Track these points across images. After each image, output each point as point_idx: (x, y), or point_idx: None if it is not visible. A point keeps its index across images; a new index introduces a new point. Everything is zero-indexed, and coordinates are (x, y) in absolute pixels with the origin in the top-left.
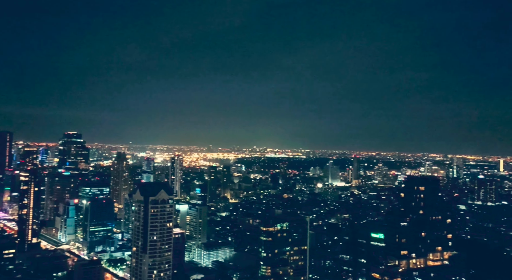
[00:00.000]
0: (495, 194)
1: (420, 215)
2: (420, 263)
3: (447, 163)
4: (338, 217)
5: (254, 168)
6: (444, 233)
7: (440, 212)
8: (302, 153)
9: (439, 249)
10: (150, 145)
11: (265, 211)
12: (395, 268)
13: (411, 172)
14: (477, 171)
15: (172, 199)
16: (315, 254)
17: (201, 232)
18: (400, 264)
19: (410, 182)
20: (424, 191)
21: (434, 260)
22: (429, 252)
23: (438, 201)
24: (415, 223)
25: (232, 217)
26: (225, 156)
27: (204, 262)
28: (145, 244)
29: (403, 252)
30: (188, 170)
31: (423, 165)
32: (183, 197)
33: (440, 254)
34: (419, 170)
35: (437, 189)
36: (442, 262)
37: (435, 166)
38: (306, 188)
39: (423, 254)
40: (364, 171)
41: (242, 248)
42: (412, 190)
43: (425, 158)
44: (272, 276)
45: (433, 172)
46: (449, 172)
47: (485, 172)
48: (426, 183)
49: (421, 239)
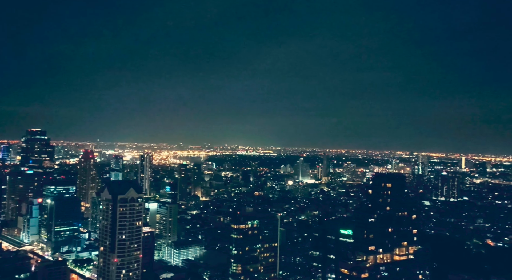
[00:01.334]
0: (457, 190)
1: (387, 211)
2: (386, 258)
3: (413, 160)
4: (308, 213)
5: (225, 165)
6: (409, 228)
7: (406, 208)
8: (273, 151)
9: (404, 244)
10: (119, 142)
11: (236, 208)
12: (363, 263)
13: (379, 169)
14: (441, 167)
15: (141, 197)
16: (285, 250)
17: (171, 230)
18: (368, 259)
19: (378, 179)
20: (391, 187)
21: (400, 254)
22: (396, 247)
23: (404, 197)
24: (382, 219)
25: (203, 215)
26: (195, 153)
27: (174, 260)
28: (113, 244)
29: (371, 248)
30: (158, 168)
31: (390, 162)
32: (152, 195)
33: (405, 248)
34: (386, 167)
35: (403, 185)
36: (408, 256)
37: (401, 163)
38: (277, 185)
39: (389, 249)
40: (334, 168)
41: (212, 246)
42: (380, 186)
43: (392, 155)
44: (242, 273)
45: (400, 169)
46: (414, 169)
47: (448, 168)
48: (392, 179)
49: (388, 235)
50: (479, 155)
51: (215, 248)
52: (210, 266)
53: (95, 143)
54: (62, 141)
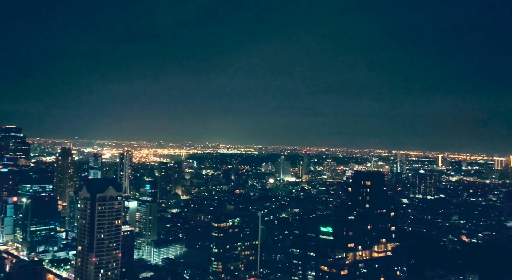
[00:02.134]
0: (434, 187)
1: (366, 208)
2: (365, 255)
3: (392, 158)
4: (289, 211)
5: (206, 164)
6: (388, 225)
7: (384, 205)
8: (255, 149)
9: (383, 241)
10: (98, 140)
11: (217, 207)
12: (342, 261)
13: (358, 167)
14: (419, 166)
15: (121, 196)
16: (266, 248)
17: (151, 229)
18: (347, 256)
19: (357, 177)
20: (370, 185)
21: (378, 251)
22: (374, 244)
23: (383, 195)
24: (362, 216)
25: (184, 213)
26: (176, 151)
27: (154, 259)
28: (92, 243)
29: (350, 245)
30: (138, 166)
31: (369, 161)
32: (132, 194)
33: (384, 245)
34: (366, 165)
35: (382, 183)
36: (386, 253)
37: (380, 161)
38: (258, 183)
39: (368, 246)
40: (314, 166)
41: (193, 244)
42: (359, 184)
43: (372, 154)
44: (223, 271)
45: (379, 167)
46: (393, 167)
47: (425, 167)
48: (372, 178)
49: (367, 232)
50: (455, 154)
51: (195, 246)
52: (190, 265)
53: (73, 141)
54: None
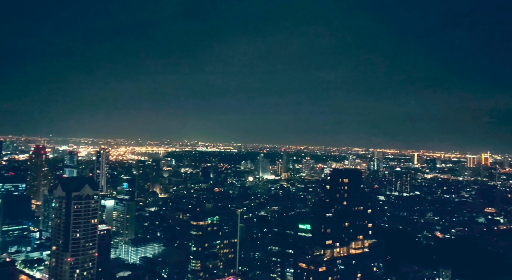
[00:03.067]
0: (409, 185)
1: (344, 205)
2: (343, 252)
3: (369, 156)
4: (268, 209)
5: (185, 162)
6: (365, 222)
7: (362, 202)
8: (234, 147)
9: (360, 238)
10: (73, 137)
11: (196, 205)
12: (320, 258)
13: (336, 165)
14: (395, 163)
15: (97, 194)
16: (245, 246)
17: (128, 227)
18: (325, 253)
19: (335, 175)
20: (348, 183)
21: (356, 248)
22: (352, 241)
23: (360, 192)
24: (339, 213)
25: (162, 212)
26: (154, 149)
27: (131, 258)
28: (67, 242)
29: (328, 242)
30: (115, 164)
31: (347, 158)
32: (109, 192)
33: (361, 242)
34: (344, 163)
35: (360, 181)
36: (363, 249)
37: (358, 159)
38: (237, 181)
39: (346, 243)
40: (293, 164)
41: (171, 243)
42: (337, 182)
43: (349, 152)
44: (202, 270)
45: (356, 165)
46: (370, 165)
47: (401, 164)
48: (349, 175)
49: (345, 229)
50: (430, 152)
51: (174, 245)
52: (168, 264)
53: (47, 138)
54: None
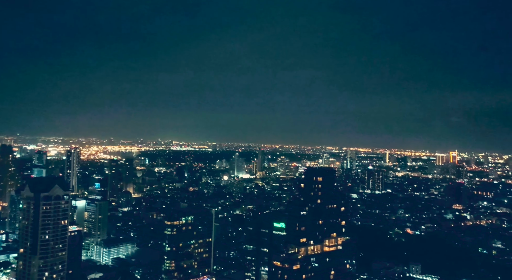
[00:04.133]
0: (381, 183)
1: (318, 204)
2: (317, 249)
3: (342, 155)
4: (243, 208)
5: (159, 161)
6: (338, 220)
7: (335, 200)
8: (209, 146)
9: (334, 235)
10: (42, 136)
11: (170, 204)
12: (294, 255)
13: (311, 163)
14: (367, 162)
15: (68, 195)
16: (220, 245)
17: (100, 228)
18: (299, 251)
19: (309, 173)
20: (321, 181)
21: (329, 245)
22: (326, 239)
23: (334, 190)
24: (314, 211)
25: (135, 212)
26: (127, 148)
27: (104, 260)
28: (35, 244)
29: (302, 240)
30: (87, 164)
31: (321, 157)
32: (80, 192)
33: (334, 240)
34: (318, 162)
35: (333, 179)
36: (336, 247)
37: (331, 157)
38: (212, 180)
39: (320, 241)
40: (268, 163)
41: (145, 243)
42: (311, 180)
43: (323, 151)
44: (176, 269)
45: (330, 163)
46: (343, 163)
47: (374, 163)
48: (323, 173)
49: (319, 227)
50: (401, 150)
51: (147, 245)
52: (142, 264)
53: (14, 137)
54: None
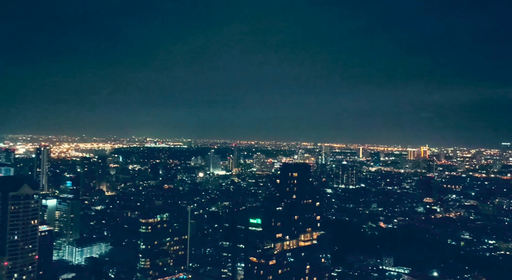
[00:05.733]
0: (355, 178)
1: (293, 199)
2: (293, 244)
3: (317, 150)
4: (219, 205)
5: (133, 158)
6: (313, 215)
7: (310, 196)
8: (184, 143)
9: (309, 230)
10: (10, 134)
11: (145, 202)
12: (270, 251)
13: (286, 159)
14: (342, 157)
15: (38, 194)
16: (196, 242)
17: (72, 228)
18: (275, 246)
19: (285, 169)
20: (297, 177)
21: (305, 240)
22: (301, 233)
23: (309, 185)
24: (289, 207)
25: (109, 210)
26: (100, 146)
27: (76, 259)
28: (3, 246)
29: (278, 235)
30: (58, 162)
31: (296, 153)
32: (51, 191)
33: (310, 234)
34: (293, 157)
35: (308, 174)
36: (312, 241)
37: (306, 153)
38: (187, 177)
39: (295, 236)
40: (244, 159)
41: (119, 242)
42: (287, 176)
43: (298, 146)
44: (151, 268)
45: (305, 159)
46: (318, 159)
47: (348, 158)
48: (299, 169)
49: (294, 222)
50: (374, 145)
51: (122, 244)
52: (116, 263)
53: None
54: None
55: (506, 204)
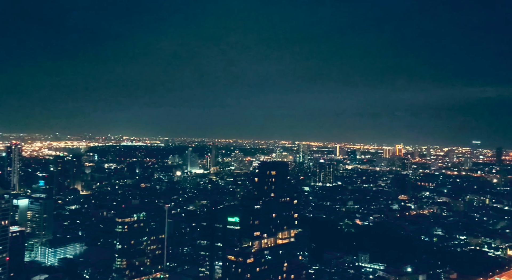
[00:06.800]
0: (332, 175)
1: (271, 197)
2: (271, 242)
3: (295, 149)
4: (196, 204)
5: (109, 157)
6: (291, 213)
7: (288, 194)
8: (161, 141)
9: (286, 228)
10: None
11: (121, 201)
12: (248, 249)
13: (264, 157)
14: (319, 155)
15: (8, 193)
16: (173, 241)
17: (45, 228)
18: (253, 244)
19: (263, 167)
20: (275, 175)
21: (283, 238)
22: (279, 231)
23: (287, 184)
24: (267, 205)
25: (84, 210)
26: (74, 144)
27: (49, 260)
28: None
29: (256, 233)
30: (30, 161)
31: (274, 151)
32: (23, 191)
33: (287, 232)
34: (271, 156)
35: (287, 173)
36: (289, 239)
37: (285, 152)
38: (164, 176)
39: (273, 234)
40: (222, 158)
41: (95, 242)
42: (265, 174)
43: (277, 145)
44: (128, 267)
45: (283, 158)
46: (296, 157)
47: (325, 156)
48: (277, 167)
49: (272, 220)
50: (350, 144)
51: (97, 244)
52: (91, 263)
53: None
54: None
55: (476, 201)
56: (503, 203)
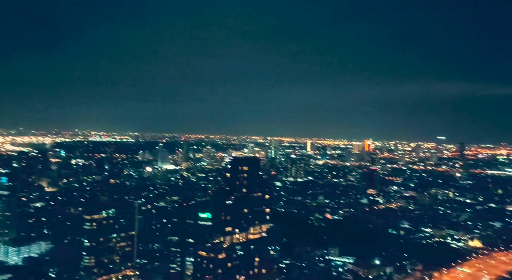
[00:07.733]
0: (303, 171)
1: (243, 193)
2: (242, 238)
3: (267, 144)
4: (167, 200)
5: (76, 152)
6: (263, 208)
7: (260, 189)
8: (131, 137)
9: (258, 223)
10: None
11: (89, 198)
12: (220, 245)
13: (236, 153)
14: (290, 151)
15: None
16: (143, 238)
17: (8, 226)
18: (225, 240)
19: (235, 163)
20: (247, 170)
21: (254, 233)
22: (250, 227)
23: (259, 179)
24: (239, 200)
25: (50, 207)
26: (39, 139)
27: (13, 260)
28: None
29: (228, 229)
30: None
31: (246, 147)
32: None
33: (259, 227)
34: (244, 151)
35: (258, 168)
36: (261, 234)
37: (257, 147)
38: (135, 172)
39: (245, 229)
40: (194, 153)
41: (61, 240)
42: (237, 170)
43: (249, 140)
44: (96, 265)
45: (255, 153)
46: (268, 153)
47: (296, 151)
48: (249, 163)
49: (244, 215)
50: (321, 139)
51: (64, 242)
52: (58, 262)
53: None
54: None
55: (440, 194)
56: (465, 196)
